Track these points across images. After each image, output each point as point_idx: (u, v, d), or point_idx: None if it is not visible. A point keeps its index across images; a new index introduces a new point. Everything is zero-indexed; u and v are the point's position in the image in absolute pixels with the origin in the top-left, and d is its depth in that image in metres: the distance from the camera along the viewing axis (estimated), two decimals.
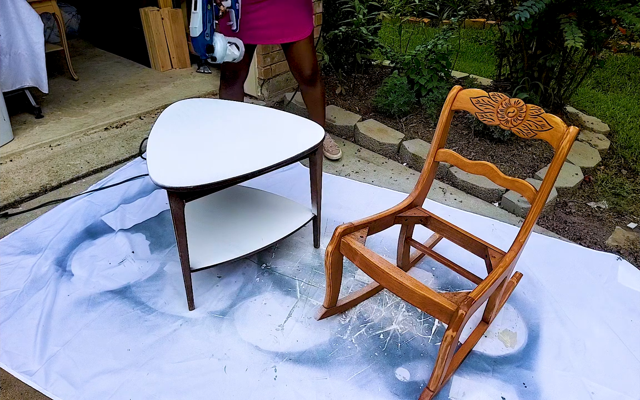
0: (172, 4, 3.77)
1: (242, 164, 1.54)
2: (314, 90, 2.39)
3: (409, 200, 1.68)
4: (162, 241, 2.03)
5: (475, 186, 2.39)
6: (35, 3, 3.00)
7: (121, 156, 2.66)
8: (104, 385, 1.44)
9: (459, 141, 2.74)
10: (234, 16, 2.07)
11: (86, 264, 1.89)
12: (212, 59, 2.00)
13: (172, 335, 1.61)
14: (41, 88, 2.90)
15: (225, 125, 1.78)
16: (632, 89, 3.71)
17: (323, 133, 1.75)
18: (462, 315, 1.20)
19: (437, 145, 1.62)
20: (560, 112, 2.99)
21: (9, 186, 2.35)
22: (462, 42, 4.79)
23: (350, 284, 1.85)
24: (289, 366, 1.52)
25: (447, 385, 1.48)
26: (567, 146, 1.34)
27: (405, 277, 1.33)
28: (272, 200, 2.04)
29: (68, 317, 1.66)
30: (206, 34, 1.90)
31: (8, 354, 1.53)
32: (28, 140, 2.72)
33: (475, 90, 1.52)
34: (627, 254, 2.02)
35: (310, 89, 2.38)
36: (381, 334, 1.65)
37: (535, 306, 1.77)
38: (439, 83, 3.03)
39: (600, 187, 2.47)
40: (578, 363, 1.56)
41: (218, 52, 1.96)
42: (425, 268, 1.94)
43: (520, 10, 2.09)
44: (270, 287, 1.82)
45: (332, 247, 1.47)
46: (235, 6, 2.05)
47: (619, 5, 2.24)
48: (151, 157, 1.54)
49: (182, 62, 3.93)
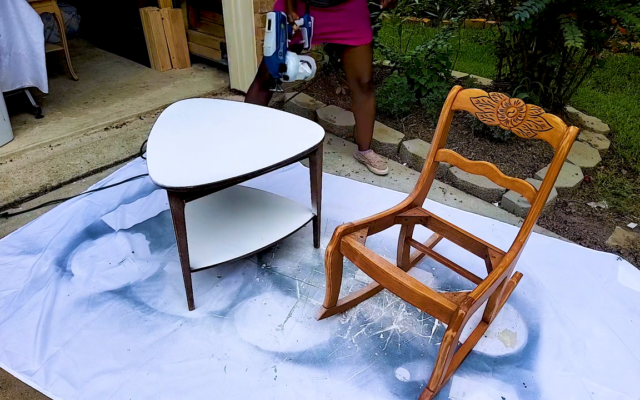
0: (172, 4, 3.77)
1: (242, 164, 1.54)
2: (368, 101, 2.38)
3: (409, 200, 1.68)
4: (162, 241, 2.03)
5: (475, 186, 2.39)
6: (35, 3, 3.00)
7: (121, 156, 2.66)
8: (104, 385, 1.44)
9: (459, 141, 2.74)
10: (306, 35, 2.11)
11: (86, 264, 1.89)
12: (285, 78, 2.05)
13: (172, 335, 1.61)
14: (41, 88, 2.90)
15: (225, 125, 1.78)
16: (632, 89, 3.71)
17: (323, 133, 1.75)
18: (462, 315, 1.20)
19: (437, 145, 1.62)
20: (560, 112, 2.99)
21: (9, 186, 2.35)
22: (462, 42, 4.79)
23: (350, 284, 1.85)
24: (289, 366, 1.52)
25: (447, 385, 1.48)
26: (567, 146, 1.34)
27: (405, 277, 1.33)
28: (272, 200, 2.04)
29: (68, 317, 1.66)
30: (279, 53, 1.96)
31: (8, 354, 1.53)
32: (28, 140, 2.72)
33: (475, 90, 1.52)
34: (627, 254, 2.02)
35: (365, 98, 2.37)
36: (381, 334, 1.65)
37: (535, 306, 1.77)
38: (439, 83, 3.03)
39: (600, 187, 2.47)
40: (578, 363, 1.56)
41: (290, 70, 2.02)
42: (425, 268, 1.94)
43: (520, 10, 2.09)
44: (270, 287, 1.82)
45: (332, 247, 1.47)
46: (307, 24, 2.09)
47: (619, 5, 2.24)
48: (151, 157, 1.54)
49: (182, 62, 3.93)
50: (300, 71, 2.07)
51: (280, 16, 1.98)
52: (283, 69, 2.02)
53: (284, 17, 2.00)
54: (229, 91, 3.52)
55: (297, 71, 2.05)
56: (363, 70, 2.30)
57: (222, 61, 3.75)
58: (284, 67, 2.01)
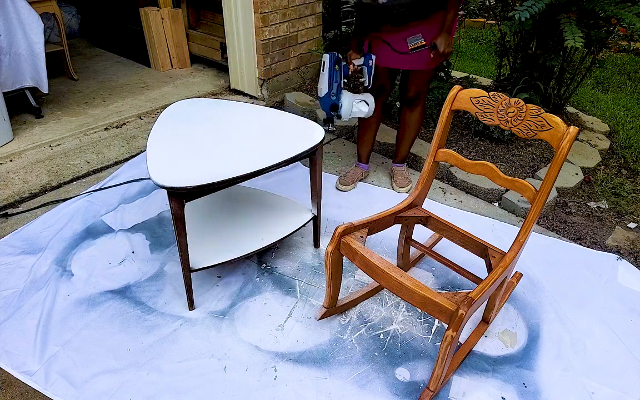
0: (172, 4, 3.77)
1: (242, 164, 1.54)
2: (411, 114, 2.28)
3: (409, 200, 1.68)
4: (162, 241, 2.03)
5: (475, 186, 2.39)
6: (35, 3, 3.00)
7: (121, 156, 2.66)
8: (104, 385, 1.44)
9: (459, 141, 2.74)
10: (366, 73, 2.09)
11: (86, 264, 1.89)
12: (338, 117, 2.06)
13: (172, 335, 1.61)
14: (41, 88, 2.90)
15: (225, 125, 1.78)
16: (632, 89, 3.71)
17: (323, 133, 1.75)
18: (462, 315, 1.20)
19: (437, 145, 1.62)
20: (560, 112, 2.99)
21: (9, 186, 2.35)
22: (462, 42, 4.79)
23: (350, 284, 1.85)
24: (289, 366, 1.52)
25: (447, 385, 1.48)
26: (567, 146, 1.34)
27: (405, 277, 1.32)
28: (272, 200, 2.04)
29: (68, 317, 1.66)
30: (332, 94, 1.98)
31: (8, 354, 1.53)
32: (28, 140, 2.72)
33: (475, 90, 1.52)
34: (627, 254, 2.02)
35: (408, 110, 2.28)
36: (381, 334, 1.65)
37: (535, 306, 1.77)
38: (439, 83, 3.03)
39: (600, 187, 2.47)
40: (578, 363, 1.56)
41: (343, 110, 2.03)
42: (425, 268, 1.94)
43: (520, 10, 2.09)
44: (270, 287, 1.82)
45: (332, 247, 1.47)
46: (367, 63, 2.07)
47: (619, 5, 2.24)
48: (151, 157, 1.54)
49: (182, 62, 3.93)
50: (355, 110, 2.07)
51: (335, 57, 1.99)
52: (334, 109, 2.04)
53: (338, 59, 2.01)
54: (229, 91, 3.52)
55: (351, 110, 2.06)
56: (411, 88, 2.19)
57: (222, 61, 3.75)
58: (335, 107, 2.03)
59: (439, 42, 1.94)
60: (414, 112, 2.27)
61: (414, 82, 2.16)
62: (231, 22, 3.20)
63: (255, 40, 3.12)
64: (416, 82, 2.16)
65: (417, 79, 2.15)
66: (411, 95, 2.21)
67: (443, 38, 1.94)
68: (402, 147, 2.42)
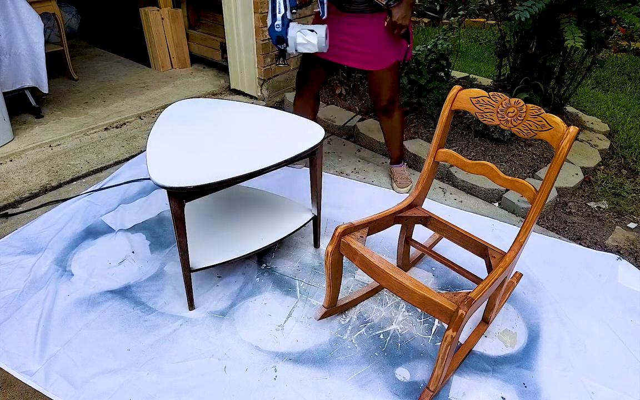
0: (172, 4, 3.77)
1: (242, 164, 1.54)
2: (389, 120, 2.29)
3: (409, 200, 1.68)
4: (162, 241, 2.03)
5: (475, 186, 2.39)
6: (35, 3, 3.00)
7: (121, 156, 2.66)
8: (104, 385, 1.44)
9: (459, 141, 2.74)
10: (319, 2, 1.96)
11: (86, 264, 1.89)
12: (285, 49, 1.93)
13: (172, 335, 1.61)
14: (41, 88, 2.90)
15: (225, 125, 1.78)
16: (632, 89, 3.71)
17: (323, 133, 1.75)
18: (462, 315, 1.20)
19: (437, 145, 1.62)
20: (560, 112, 2.98)
21: (9, 186, 2.35)
22: (462, 42, 4.79)
23: (350, 284, 1.85)
24: (289, 366, 1.52)
25: (447, 385, 1.48)
26: (567, 146, 1.34)
27: (405, 277, 1.33)
28: (272, 200, 2.04)
29: (68, 317, 1.66)
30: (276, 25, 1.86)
31: (8, 354, 1.53)
32: (28, 140, 2.72)
33: (475, 90, 1.52)
34: (627, 254, 2.02)
35: (385, 117, 2.29)
36: (381, 334, 1.65)
37: (535, 306, 1.77)
38: (439, 83, 3.03)
39: (600, 187, 2.47)
40: (578, 363, 1.56)
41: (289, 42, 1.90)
42: (425, 268, 1.94)
43: (520, 10, 2.09)
44: (270, 287, 1.82)
45: (332, 247, 1.47)
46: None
47: (619, 5, 2.24)
48: (151, 157, 1.54)
49: (182, 62, 3.93)
50: (301, 41, 1.90)
51: None
52: (280, 42, 1.90)
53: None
54: (229, 91, 3.52)
55: (297, 42, 1.91)
56: (380, 95, 2.19)
57: (222, 61, 3.75)
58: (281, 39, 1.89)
59: (395, 11, 1.87)
60: (392, 118, 2.28)
61: (380, 86, 2.15)
62: (231, 22, 3.20)
63: (255, 40, 3.12)
64: (382, 87, 2.15)
65: (382, 84, 2.14)
66: (384, 104, 2.21)
67: (402, 8, 1.87)
68: (392, 150, 2.43)
